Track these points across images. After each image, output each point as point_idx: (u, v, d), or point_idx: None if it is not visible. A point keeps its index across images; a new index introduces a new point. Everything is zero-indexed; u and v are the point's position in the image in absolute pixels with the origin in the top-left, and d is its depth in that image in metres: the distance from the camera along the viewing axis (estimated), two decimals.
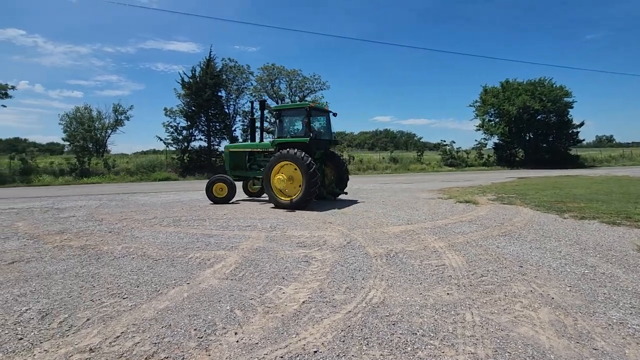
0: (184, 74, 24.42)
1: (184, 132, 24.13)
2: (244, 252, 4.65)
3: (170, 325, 2.68)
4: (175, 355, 2.29)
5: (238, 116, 26.28)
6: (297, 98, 26.97)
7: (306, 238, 5.36)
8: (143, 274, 3.86)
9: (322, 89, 27.54)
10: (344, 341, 2.41)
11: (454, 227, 6.00)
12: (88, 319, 2.81)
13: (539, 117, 32.07)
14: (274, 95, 26.73)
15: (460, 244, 4.88)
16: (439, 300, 3.06)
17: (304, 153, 8.13)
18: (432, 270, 3.83)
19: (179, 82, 24.10)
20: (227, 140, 25.63)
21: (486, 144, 33.94)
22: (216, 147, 25.30)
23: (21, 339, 2.52)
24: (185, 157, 23.83)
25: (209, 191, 9.61)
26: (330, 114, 10.11)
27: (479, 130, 34.33)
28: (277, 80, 26.85)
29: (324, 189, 9.30)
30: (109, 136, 30.06)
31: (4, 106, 21.12)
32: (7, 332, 2.62)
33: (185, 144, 24.21)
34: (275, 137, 9.27)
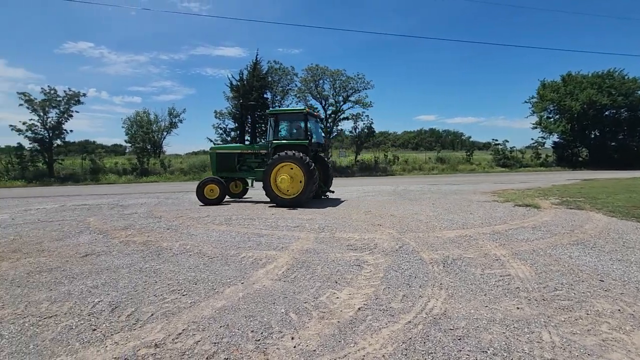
0: (232, 77, 25.44)
1: (232, 133, 25.08)
2: (295, 253, 4.64)
3: (228, 325, 2.71)
4: (234, 357, 2.29)
5: None
6: (340, 98, 26.93)
7: (356, 240, 5.24)
8: (200, 271, 3.99)
9: (366, 88, 27.14)
10: (406, 355, 2.26)
11: (516, 233, 5.54)
12: (152, 314, 2.93)
13: (606, 112, 29.07)
14: (318, 96, 26.85)
15: (525, 253, 4.48)
16: (509, 314, 2.79)
17: (302, 154, 8.79)
18: (497, 281, 3.53)
19: (227, 86, 25.16)
20: None
21: (544, 143, 31.44)
22: None
23: (95, 329, 2.68)
24: None
25: (199, 193, 9.51)
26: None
27: (536, 128, 31.89)
28: (320, 81, 26.97)
29: (319, 188, 9.88)
30: (164, 138, 32.10)
31: (77, 112, 23.40)
32: (82, 322, 2.81)
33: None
34: (272, 139, 9.60)
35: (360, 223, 6.56)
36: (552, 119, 31.35)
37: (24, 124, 20.73)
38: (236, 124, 24.92)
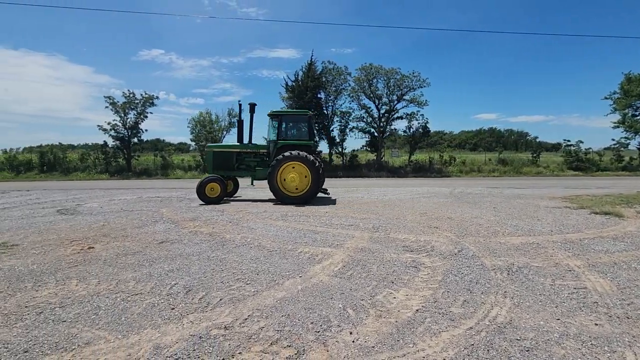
0: (288, 77, 26.21)
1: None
2: (350, 251, 4.71)
3: (289, 315, 2.87)
4: (296, 345, 2.42)
5: (336, 117, 26.96)
6: (394, 97, 26.36)
7: (412, 242, 5.16)
8: (261, 263, 4.23)
9: (421, 87, 26.22)
10: None
11: (593, 243, 5.03)
12: (220, 299, 3.19)
13: None
14: (371, 95, 26.58)
15: (604, 265, 4.07)
16: (585, 330, 2.58)
17: (306, 154, 9.22)
18: (570, 293, 3.26)
19: (282, 86, 25.98)
20: (325, 141, 26.54)
21: (628, 144, 27.77)
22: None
23: (173, 309, 3.00)
24: None
25: (201, 191, 9.36)
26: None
27: (618, 127, 28.23)
28: (374, 80, 26.64)
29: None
30: (224, 137, 34.13)
31: (151, 113, 25.84)
32: (162, 301, 3.15)
33: None
34: (276, 139, 9.88)
35: (415, 225, 6.43)
36: (638, 117, 27.59)
37: (108, 124, 23.43)
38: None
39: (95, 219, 7.16)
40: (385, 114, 26.37)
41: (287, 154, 9.24)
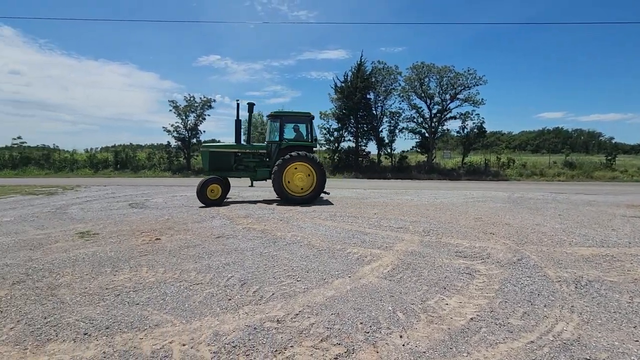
0: (337, 78, 26.35)
1: (335, 133, 26.02)
2: (399, 254, 4.64)
3: (338, 313, 2.92)
4: (346, 343, 2.46)
5: (385, 117, 26.54)
6: (447, 96, 25.25)
7: (465, 248, 4.94)
8: (310, 261, 4.34)
9: (477, 85, 24.82)
10: None
11: None
12: (273, 294, 3.34)
13: None
14: (423, 95, 25.72)
15: None
16: None
17: (313, 155, 9.51)
18: None
19: (332, 87, 26.18)
20: (374, 142, 26.24)
21: None
22: (363, 147, 26.32)
23: (230, 299, 3.20)
24: (335, 157, 25.73)
25: (201, 193, 8.93)
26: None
27: None
28: (426, 79, 25.76)
29: None
30: None
31: (209, 115, 27.56)
32: (220, 292, 3.38)
33: (336, 144, 26.10)
34: (278, 140, 9.80)
35: (469, 230, 6.13)
36: None
37: (171, 125, 25.41)
38: (339, 125, 25.78)
39: (161, 213, 7.83)
40: (437, 114, 25.38)
41: (293, 154, 9.26)
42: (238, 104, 11.32)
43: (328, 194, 10.84)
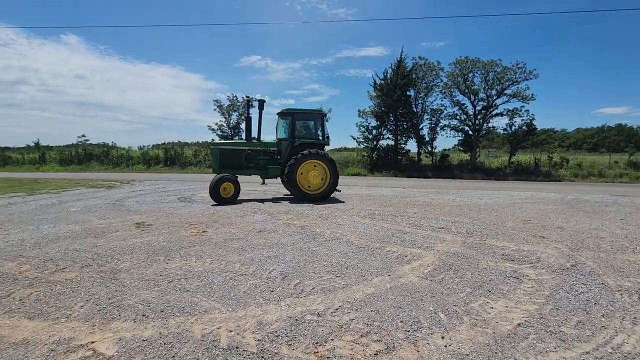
0: (376, 76, 25.99)
1: (374, 131, 25.71)
2: (440, 254, 4.53)
3: (378, 311, 2.93)
4: (386, 340, 2.47)
5: (426, 114, 25.75)
6: (493, 92, 23.91)
7: (512, 251, 4.71)
8: (349, 258, 4.38)
9: (527, 79, 23.21)
10: None
11: None
12: (313, 288, 3.42)
13: None
14: (466, 91, 24.57)
15: None
16: None
17: (324, 152, 9.57)
18: None
19: (371, 85, 25.85)
20: (414, 140, 25.60)
21: None
22: (402, 145, 25.75)
23: (272, 291, 3.33)
24: (374, 155, 25.44)
25: (214, 192, 8.84)
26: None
27: None
28: (470, 74, 24.58)
29: None
30: None
31: (251, 114, 28.40)
32: (263, 283, 3.52)
33: (375, 142, 25.79)
34: (291, 137, 9.75)
35: (517, 232, 5.82)
36: None
37: (215, 124, 26.62)
38: (378, 122, 25.44)
39: (207, 207, 8.26)
40: (482, 111, 24.18)
41: (306, 152, 9.25)
42: (249, 101, 11.57)
43: (339, 191, 10.78)
